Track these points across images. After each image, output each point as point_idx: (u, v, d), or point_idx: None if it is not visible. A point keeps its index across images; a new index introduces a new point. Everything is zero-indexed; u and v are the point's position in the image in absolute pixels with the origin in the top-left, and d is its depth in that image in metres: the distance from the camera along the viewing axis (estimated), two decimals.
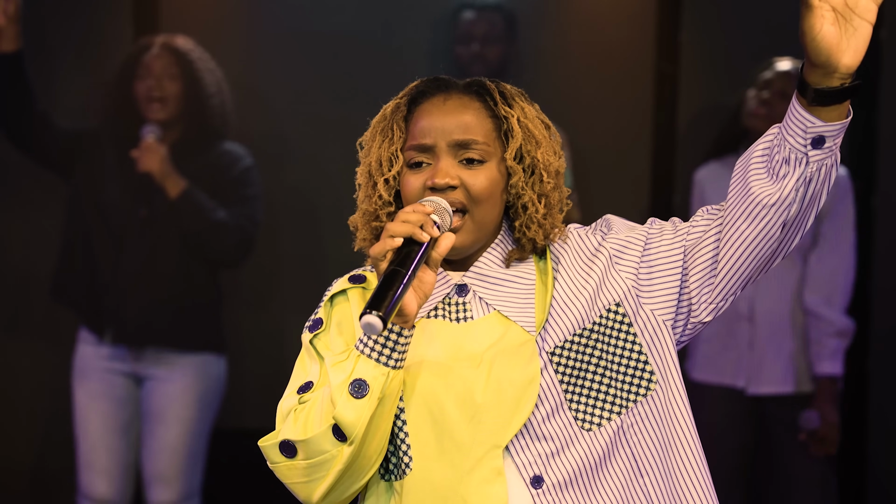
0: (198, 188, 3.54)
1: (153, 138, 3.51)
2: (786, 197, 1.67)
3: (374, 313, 1.56)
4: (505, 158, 1.78)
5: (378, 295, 1.58)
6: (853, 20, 1.59)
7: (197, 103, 3.60)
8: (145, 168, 3.50)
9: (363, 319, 1.56)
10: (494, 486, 1.69)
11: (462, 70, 3.98)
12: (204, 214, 3.53)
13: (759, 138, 1.72)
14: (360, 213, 1.83)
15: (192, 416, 3.61)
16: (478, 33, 4.00)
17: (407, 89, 1.84)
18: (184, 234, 3.55)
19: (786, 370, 3.67)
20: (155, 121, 3.54)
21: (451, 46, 4.05)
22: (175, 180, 3.52)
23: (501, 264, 1.80)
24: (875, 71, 4.01)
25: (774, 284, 3.65)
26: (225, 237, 3.57)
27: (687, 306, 1.77)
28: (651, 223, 1.82)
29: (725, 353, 3.69)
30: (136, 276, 3.55)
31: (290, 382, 1.77)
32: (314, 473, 1.69)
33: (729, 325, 3.67)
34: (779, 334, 3.67)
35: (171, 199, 3.52)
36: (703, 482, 1.75)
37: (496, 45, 4.02)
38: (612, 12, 4.25)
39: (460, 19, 4.04)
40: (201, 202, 3.53)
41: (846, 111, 1.64)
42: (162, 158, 3.50)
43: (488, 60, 3.98)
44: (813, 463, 3.67)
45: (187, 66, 3.58)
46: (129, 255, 3.56)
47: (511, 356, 1.72)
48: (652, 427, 1.75)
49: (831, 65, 1.60)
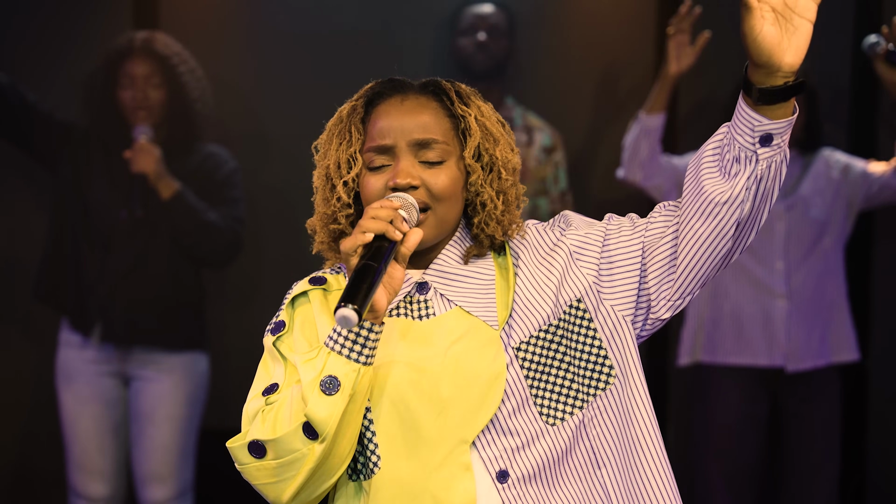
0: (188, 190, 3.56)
1: (146, 139, 3.52)
2: (738, 195, 1.69)
3: (350, 306, 1.57)
4: (464, 157, 1.80)
5: (351, 289, 1.59)
6: (793, 19, 1.62)
7: (181, 108, 3.61)
8: (139, 169, 3.51)
9: (338, 313, 1.57)
10: (463, 482, 1.71)
11: (462, 63, 3.98)
12: (196, 216, 3.55)
13: (710, 137, 1.74)
14: (317, 215, 1.84)
15: (181, 414, 3.63)
16: (484, 24, 4.01)
17: (362, 91, 1.85)
18: (175, 235, 3.57)
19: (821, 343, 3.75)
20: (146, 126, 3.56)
21: (451, 40, 4.05)
22: (168, 182, 3.53)
23: (460, 261, 1.81)
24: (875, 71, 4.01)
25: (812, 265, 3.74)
26: (216, 238, 3.59)
27: (646, 302, 1.78)
28: (609, 219, 1.84)
29: (761, 332, 3.74)
30: (123, 276, 3.56)
31: (254, 385, 1.78)
32: (284, 473, 1.69)
33: (763, 305, 3.72)
34: (813, 310, 3.75)
35: (163, 201, 3.53)
36: (663, 473, 1.76)
37: (502, 39, 4.03)
38: (612, 12, 4.26)
39: (466, 11, 4.05)
40: (193, 204, 3.54)
41: (792, 108, 1.67)
42: (156, 159, 3.51)
43: (493, 52, 3.99)
44: (820, 447, 3.75)
45: (170, 72, 3.59)
46: (117, 255, 3.57)
47: (476, 351, 1.73)
48: (611, 420, 1.77)
49: (773, 64, 1.63)
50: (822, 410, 3.77)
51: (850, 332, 3.82)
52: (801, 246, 3.76)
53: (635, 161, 3.76)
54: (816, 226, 3.77)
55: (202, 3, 4.20)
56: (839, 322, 3.81)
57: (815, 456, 3.77)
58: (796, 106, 1.68)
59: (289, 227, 4.17)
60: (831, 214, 3.79)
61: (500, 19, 4.04)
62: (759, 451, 3.79)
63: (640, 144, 3.75)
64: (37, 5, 4.08)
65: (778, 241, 3.75)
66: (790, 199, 3.76)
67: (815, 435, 3.77)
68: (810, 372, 3.75)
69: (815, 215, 3.77)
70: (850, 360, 3.83)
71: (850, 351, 3.82)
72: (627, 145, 3.81)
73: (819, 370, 3.76)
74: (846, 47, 4.08)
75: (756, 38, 1.61)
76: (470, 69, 3.96)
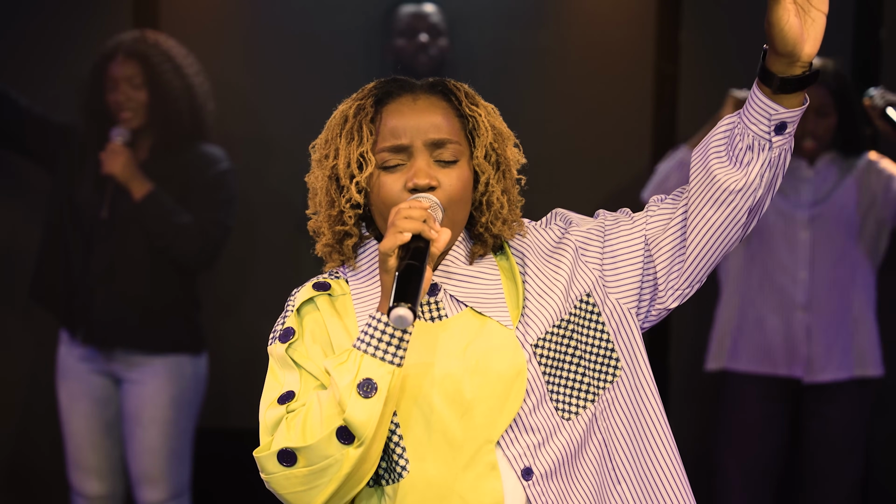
0: (169, 190, 3.55)
1: (120, 141, 3.53)
2: (751, 182, 1.74)
3: (405, 306, 1.57)
4: (475, 157, 1.80)
5: (401, 289, 1.59)
6: (811, 11, 1.68)
7: (163, 108, 3.59)
8: (108, 170, 3.52)
9: (394, 312, 1.56)
10: (490, 481, 1.71)
11: (406, 63, 3.98)
12: (167, 218, 3.53)
13: (714, 129, 1.79)
14: (323, 217, 1.82)
15: (168, 417, 3.60)
16: (422, 25, 4.01)
17: (366, 90, 1.83)
18: (147, 236, 3.56)
19: (843, 357, 3.71)
20: (129, 128, 3.56)
21: (386, 40, 4.05)
22: (139, 183, 3.52)
23: (466, 261, 1.81)
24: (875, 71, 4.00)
25: (833, 273, 3.70)
26: (187, 241, 3.55)
27: (651, 292, 1.81)
28: (604, 215, 1.87)
29: (782, 343, 3.72)
30: (101, 276, 3.55)
31: (265, 394, 1.76)
32: (316, 480, 1.67)
33: (784, 315, 3.70)
34: (836, 322, 3.71)
35: (135, 202, 3.53)
36: (673, 464, 1.79)
37: (442, 38, 4.03)
38: (612, 12, 4.25)
39: (400, 12, 4.05)
40: (165, 205, 3.53)
41: (803, 98, 1.74)
42: (125, 161, 3.51)
43: (431, 53, 4.00)
44: (843, 456, 3.74)
45: (151, 72, 3.56)
46: (96, 256, 3.57)
47: (494, 351, 1.73)
48: (621, 412, 1.79)
49: (796, 54, 1.68)
50: (844, 413, 3.74)
51: (875, 346, 3.76)
52: (827, 257, 3.70)
53: (661, 188, 3.75)
54: (845, 237, 3.70)
55: (202, 3, 4.19)
56: (863, 336, 3.74)
57: (836, 457, 3.75)
58: (807, 96, 1.74)
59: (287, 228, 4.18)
60: (863, 227, 3.72)
61: (438, 19, 4.05)
62: (778, 452, 3.78)
63: (671, 175, 3.73)
64: (37, 6, 4.08)
65: (803, 251, 3.70)
66: (819, 208, 3.70)
67: (835, 436, 3.74)
68: (833, 383, 3.72)
69: (845, 226, 3.70)
70: (874, 375, 3.77)
71: (875, 366, 3.76)
72: (660, 171, 3.79)
73: (841, 382, 3.73)
74: (846, 46, 4.08)
75: (783, 29, 1.66)
76: (414, 69, 3.95)
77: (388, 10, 4.09)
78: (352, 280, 1.82)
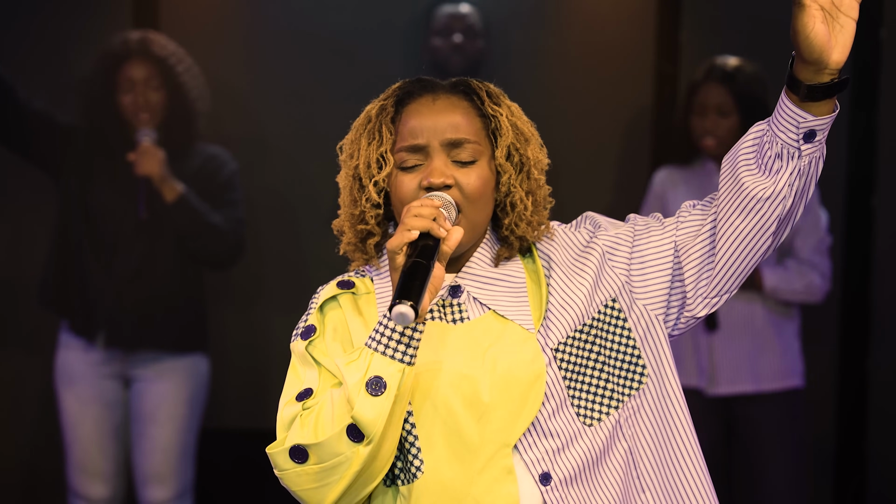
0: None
1: (149, 141, 3.51)
2: (780, 190, 1.71)
3: (406, 303, 1.56)
4: (496, 157, 1.79)
5: (405, 286, 1.59)
6: (839, 18, 1.65)
7: (182, 110, 3.59)
8: (144, 172, 3.50)
9: (395, 310, 1.56)
10: (506, 485, 1.70)
11: (438, 64, 3.98)
12: (200, 218, 3.54)
13: (744, 136, 1.76)
14: (345, 216, 1.82)
15: (183, 414, 3.63)
16: (459, 26, 4.01)
17: (390, 91, 1.83)
18: (180, 237, 3.56)
19: (746, 369, 3.65)
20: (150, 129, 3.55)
21: (424, 39, 4.05)
22: (171, 184, 3.51)
23: (491, 264, 1.80)
24: (875, 71, 4.01)
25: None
26: (221, 240, 3.59)
27: (680, 300, 1.79)
28: (635, 220, 1.85)
29: (688, 354, 3.67)
30: (129, 279, 3.55)
31: (285, 391, 1.75)
32: (327, 478, 1.67)
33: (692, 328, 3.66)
34: (739, 334, 3.66)
35: (167, 203, 3.52)
36: (699, 473, 1.77)
37: (478, 39, 4.03)
38: (612, 12, 4.25)
39: (439, 11, 4.05)
40: (197, 206, 3.53)
41: (833, 105, 1.70)
42: (160, 162, 3.50)
43: (468, 53, 3.99)
44: (785, 457, 3.68)
45: (169, 73, 3.57)
46: (122, 259, 3.56)
47: (514, 355, 1.72)
48: (647, 420, 1.77)
49: (823, 61, 1.65)
50: (771, 414, 3.68)
51: (791, 358, 3.69)
52: None
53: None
54: None
55: (202, 3, 4.19)
56: (773, 349, 3.66)
57: (766, 448, 3.69)
58: (837, 103, 1.70)
59: (287, 228, 4.18)
60: None
61: (475, 20, 4.05)
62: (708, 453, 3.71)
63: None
64: (37, 6, 4.08)
65: None
66: None
67: (765, 431, 3.67)
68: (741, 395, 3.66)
69: None
70: (790, 387, 3.68)
71: (788, 378, 3.68)
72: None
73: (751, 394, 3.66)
74: None
75: (808, 36, 1.63)
76: (448, 69, 3.95)
77: (428, 10, 4.09)
78: (376, 279, 1.82)
